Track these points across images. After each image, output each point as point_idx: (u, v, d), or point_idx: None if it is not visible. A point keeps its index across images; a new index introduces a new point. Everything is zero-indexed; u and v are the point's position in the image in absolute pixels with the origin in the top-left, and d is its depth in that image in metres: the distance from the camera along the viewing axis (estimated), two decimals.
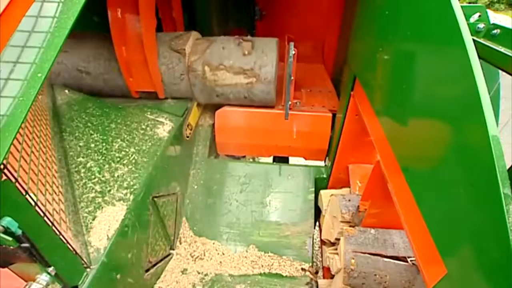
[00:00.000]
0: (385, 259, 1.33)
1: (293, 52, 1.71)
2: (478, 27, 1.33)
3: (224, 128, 2.10)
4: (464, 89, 0.62)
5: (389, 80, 1.08)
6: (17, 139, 1.01)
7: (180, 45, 1.90)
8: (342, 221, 1.51)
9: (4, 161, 0.73)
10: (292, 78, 1.77)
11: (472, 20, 1.37)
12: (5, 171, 0.72)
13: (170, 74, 1.94)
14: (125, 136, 1.65)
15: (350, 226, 1.49)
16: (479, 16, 1.40)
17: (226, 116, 2.08)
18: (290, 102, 1.87)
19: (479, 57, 0.62)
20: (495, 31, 1.28)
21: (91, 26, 2.19)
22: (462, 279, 0.58)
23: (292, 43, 1.72)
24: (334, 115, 2.01)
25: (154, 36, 1.86)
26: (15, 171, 0.84)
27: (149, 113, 1.87)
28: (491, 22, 1.31)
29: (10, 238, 0.69)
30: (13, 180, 0.75)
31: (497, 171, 0.47)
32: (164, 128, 1.78)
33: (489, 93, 0.59)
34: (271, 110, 2.03)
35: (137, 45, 1.79)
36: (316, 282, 1.67)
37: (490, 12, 1.50)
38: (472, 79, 0.58)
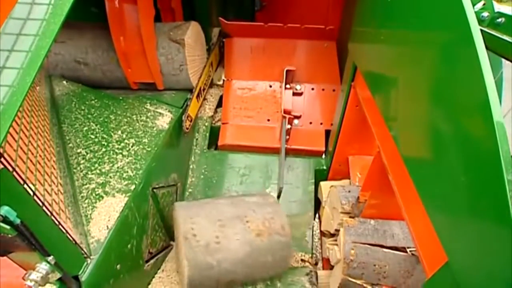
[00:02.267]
0: (385, 250, 1.33)
1: (288, 126, 1.74)
2: (482, 16, 1.31)
3: (227, 146, 2.15)
4: (469, 75, 0.60)
5: (391, 69, 1.07)
6: (14, 129, 1.00)
7: (179, 35, 1.87)
8: (342, 212, 1.51)
9: (1, 150, 0.72)
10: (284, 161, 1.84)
11: (476, 8, 1.35)
12: (2, 160, 0.71)
13: (169, 64, 1.92)
14: (125, 127, 1.65)
15: (350, 217, 1.48)
16: (484, 4, 1.37)
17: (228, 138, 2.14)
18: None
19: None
20: (499, 19, 1.26)
21: (90, 17, 2.16)
22: (463, 265, 0.57)
23: (286, 120, 1.79)
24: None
25: (153, 26, 1.83)
26: (13, 160, 0.84)
27: (148, 104, 1.85)
28: (496, 10, 1.28)
29: (8, 227, 0.69)
30: (11, 169, 0.74)
31: (501, 156, 0.47)
32: (164, 120, 1.77)
33: None
34: (270, 145, 2.10)
35: (135, 36, 1.77)
36: (316, 273, 1.68)
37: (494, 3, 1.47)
38: (477, 66, 0.57)
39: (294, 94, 2.19)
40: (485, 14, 1.31)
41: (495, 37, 1.18)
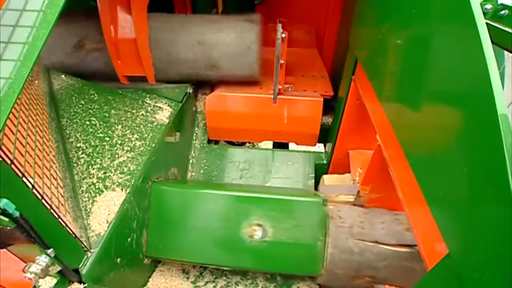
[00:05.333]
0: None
1: (283, 35, 1.64)
2: (485, 8, 1.29)
3: (215, 113, 2.04)
4: (473, 67, 0.60)
5: (392, 61, 1.05)
6: (12, 122, 0.99)
7: None
8: None
9: None
10: (283, 62, 1.71)
11: (479, 0, 1.33)
12: (0, 152, 0.71)
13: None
14: (125, 121, 1.64)
15: None
16: None
17: (217, 100, 2.02)
18: (281, 87, 1.82)
19: None
20: (503, 11, 1.24)
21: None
22: (464, 257, 0.57)
23: (280, 25, 1.64)
24: (325, 100, 1.95)
25: (145, 16, 1.77)
26: (11, 153, 0.83)
27: (148, 98, 1.84)
28: (499, 2, 1.27)
29: (7, 219, 0.69)
30: (9, 162, 0.74)
31: (505, 148, 0.46)
32: (164, 114, 1.76)
33: None
34: (263, 95, 1.97)
35: (127, 25, 1.72)
36: None
37: None
38: (482, 57, 0.56)
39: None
40: (488, 6, 1.29)
41: (498, 30, 1.17)
